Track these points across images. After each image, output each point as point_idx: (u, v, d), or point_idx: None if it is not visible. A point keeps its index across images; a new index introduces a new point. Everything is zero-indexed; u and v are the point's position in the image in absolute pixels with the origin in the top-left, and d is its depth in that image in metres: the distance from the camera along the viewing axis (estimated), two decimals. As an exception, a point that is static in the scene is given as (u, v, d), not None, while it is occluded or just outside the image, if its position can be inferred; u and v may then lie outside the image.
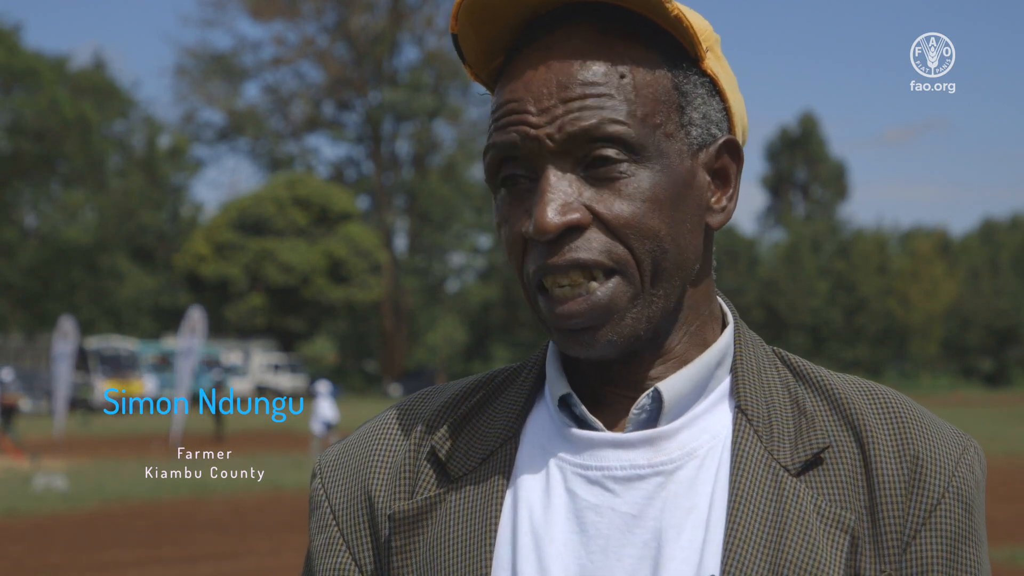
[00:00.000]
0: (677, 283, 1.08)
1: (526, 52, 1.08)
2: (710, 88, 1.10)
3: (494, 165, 1.09)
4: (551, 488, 1.09)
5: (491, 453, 1.12)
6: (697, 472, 1.07)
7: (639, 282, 1.05)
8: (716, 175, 1.11)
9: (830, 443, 1.07)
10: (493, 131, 1.09)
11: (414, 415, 1.18)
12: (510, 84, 1.08)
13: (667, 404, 1.08)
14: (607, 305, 1.05)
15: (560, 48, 1.07)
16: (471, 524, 1.08)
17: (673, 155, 1.07)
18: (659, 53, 1.08)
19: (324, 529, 1.16)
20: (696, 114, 1.09)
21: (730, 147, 1.12)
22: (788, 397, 1.11)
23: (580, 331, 1.06)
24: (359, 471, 1.16)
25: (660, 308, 1.08)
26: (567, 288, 1.05)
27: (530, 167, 1.07)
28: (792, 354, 1.17)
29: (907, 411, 1.10)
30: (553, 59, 1.06)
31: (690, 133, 1.08)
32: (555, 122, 1.04)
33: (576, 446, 1.09)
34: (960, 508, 1.06)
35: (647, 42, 1.08)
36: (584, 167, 1.05)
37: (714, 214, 1.11)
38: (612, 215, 1.04)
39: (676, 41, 1.09)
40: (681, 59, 1.09)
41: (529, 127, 1.05)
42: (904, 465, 1.06)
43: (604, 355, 1.07)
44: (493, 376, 1.20)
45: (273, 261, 52.71)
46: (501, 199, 1.10)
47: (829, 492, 1.05)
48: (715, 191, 1.12)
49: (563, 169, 1.05)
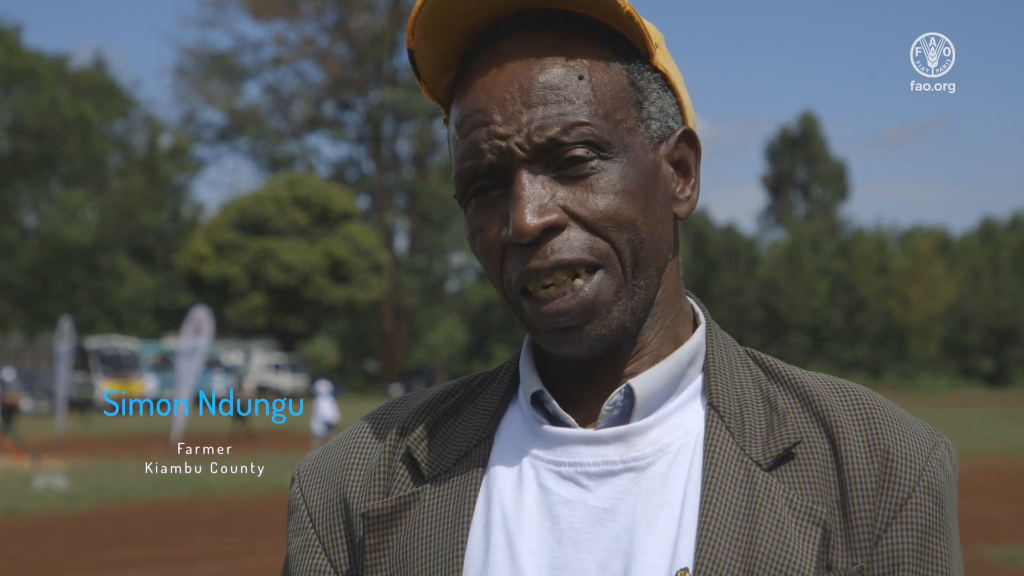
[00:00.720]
0: (654, 272, 1.10)
1: (482, 61, 1.10)
2: (662, 83, 1.13)
3: (466, 181, 1.10)
4: (524, 484, 1.10)
5: (465, 453, 1.13)
6: (669, 468, 1.08)
7: (622, 274, 1.07)
8: (677, 166, 1.14)
9: (801, 438, 1.08)
10: (460, 143, 1.09)
11: (391, 419, 1.20)
12: (470, 93, 1.09)
13: (639, 401, 1.09)
14: (594, 300, 1.06)
15: (516, 52, 1.08)
16: (444, 521, 1.10)
17: (637, 149, 1.08)
18: (612, 51, 1.10)
19: (301, 532, 1.18)
20: (653, 108, 1.11)
21: (688, 137, 1.14)
22: (760, 394, 1.12)
23: (568, 329, 1.07)
24: (335, 474, 1.18)
25: (642, 299, 1.09)
26: (552, 288, 1.06)
27: (501, 176, 1.08)
28: (763, 354, 1.18)
29: (878, 407, 1.11)
30: (511, 64, 1.07)
31: (650, 127, 1.11)
32: (522, 130, 1.05)
33: (549, 442, 1.10)
34: (931, 502, 1.07)
35: (599, 42, 1.09)
36: (555, 168, 1.06)
37: (680, 203, 1.13)
38: (588, 211, 1.05)
39: (626, 40, 1.11)
40: (633, 56, 1.11)
41: (498, 139, 1.06)
42: (875, 459, 1.07)
43: (592, 351, 1.08)
44: (470, 380, 1.22)
45: (273, 261, 52.72)
46: (472, 210, 1.11)
47: (801, 486, 1.06)
48: (678, 181, 1.14)
49: (534, 172, 1.06)
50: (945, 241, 69.36)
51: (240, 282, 52.80)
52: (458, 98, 1.11)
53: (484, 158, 1.07)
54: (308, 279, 53.13)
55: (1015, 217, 72.44)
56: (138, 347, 45.71)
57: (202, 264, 53.02)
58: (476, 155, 1.07)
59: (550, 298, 1.06)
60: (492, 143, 1.06)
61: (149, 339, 51.93)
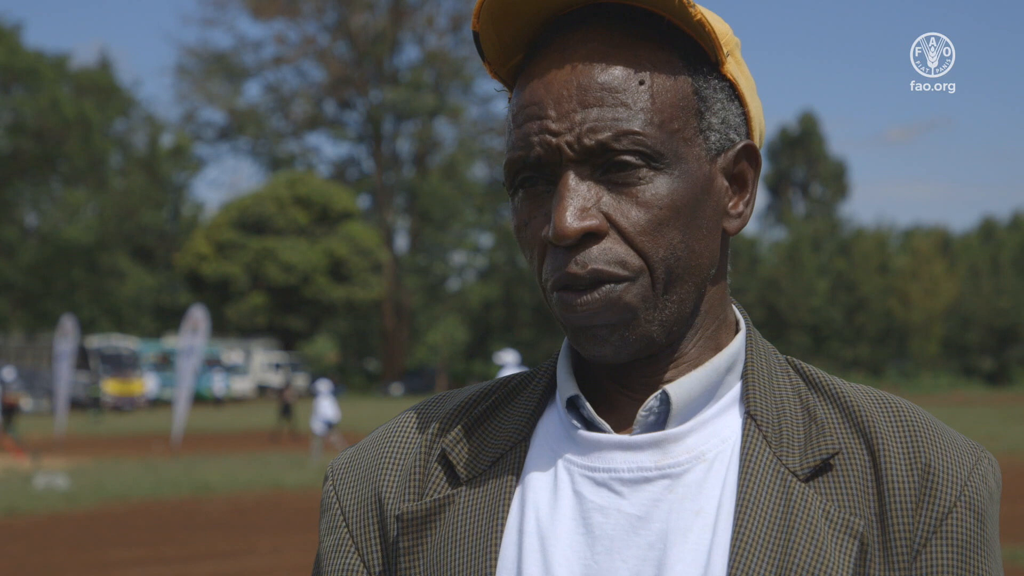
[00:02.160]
0: (691, 288, 1.08)
1: (546, 52, 1.08)
2: (729, 93, 1.10)
3: (514, 171, 1.09)
4: (559, 489, 1.09)
5: (501, 456, 1.12)
6: (705, 476, 1.06)
7: (651, 288, 1.05)
8: (734, 180, 1.11)
9: (840, 449, 1.07)
10: (513, 132, 1.08)
11: (427, 418, 1.19)
12: (530, 83, 1.08)
13: (675, 407, 1.08)
14: (618, 302, 1.05)
15: (580, 49, 1.06)
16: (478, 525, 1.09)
17: (691, 160, 1.06)
18: (679, 57, 1.07)
19: (334, 531, 1.17)
20: (715, 119, 1.08)
21: (748, 152, 1.11)
22: (799, 403, 1.11)
23: (595, 327, 1.06)
24: (370, 473, 1.17)
25: (674, 313, 1.08)
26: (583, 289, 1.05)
27: (549, 171, 1.07)
28: (805, 363, 1.16)
29: (920, 420, 1.10)
30: (573, 60, 1.06)
31: (709, 138, 1.08)
32: (574, 130, 1.04)
33: (583, 448, 1.09)
34: (972, 518, 1.06)
35: (667, 45, 1.07)
36: (603, 171, 1.05)
37: (731, 219, 1.11)
38: (629, 223, 1.04)
39: (696, 45, 1.08)
40: (701, 63, 1.09)
41: (550, 135, 1.05)
42: (915, 473, 1.06)
43: (618, 356, 1.07)
44: (507, 381, 1.20)
45: (274, 260, 52.73)
46: (519, 200, 1.10)
47: (838, 498, 1.05)
48: (732, 196, 1.11)
49: (582, 174, 1.05)
50: (945, 240, 69.32)
51: (240, 281, 52.80)
52: (519, 86, 1.10)
53: (533, 151, 1.06)
54: (308, 278, 53.13)
55: (1015, 216, 72.43)
56: (138, 346, 45.73)
57: (202, 263, 53.02)
58: (526, 147, 1.06)
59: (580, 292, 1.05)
60: (543, 138, 1.05)
61: (149, 338, 51.95)
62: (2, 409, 23.81)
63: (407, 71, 62.63)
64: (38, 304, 52.68)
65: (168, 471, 18.60)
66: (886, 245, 67.12)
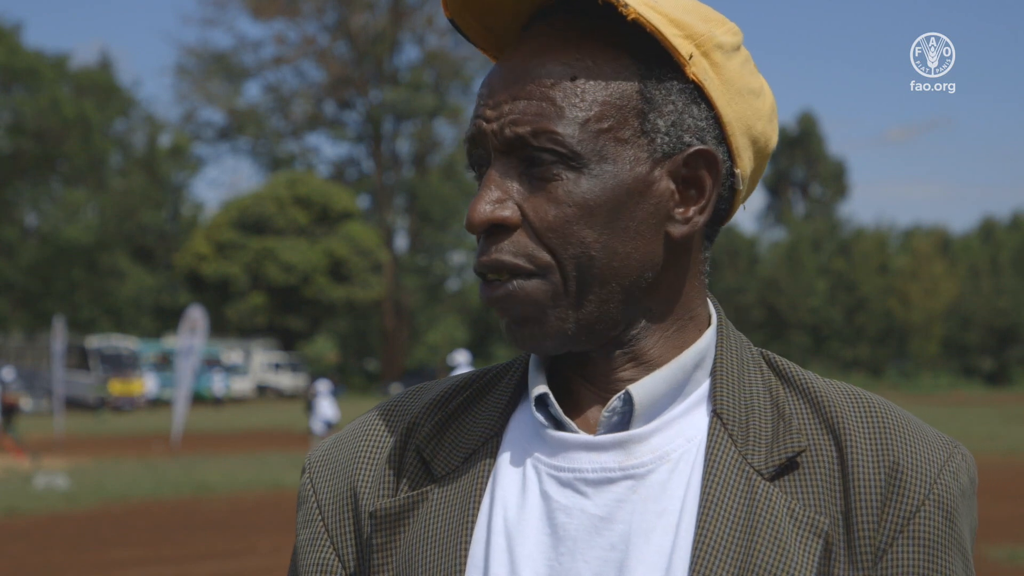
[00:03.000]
0: (616, 289, 1.06)
1: (515, 43, 1.10)
2: (692, 95, 1.07)
3: (467, 152, 1.12)
4: (527, 489, 1.08)
5: (473, 452, 1.12)
6: (669, 476, 1.05)
7: (561, 286, 1.05)
8: (688, 184, 1.08)
9: (806, 446, 1.06)
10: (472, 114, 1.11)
11: (402, 412, 1.19)
12: (489, 72, 1.11)
13: (638, 407, 1.07)
14: (523, 297, 1.05)
15: (531, 43, 1.07)
16: (449, 522, 1.08)
17: (622, 162, 1.05)
18: (629, 56, 1.06)
19: (310, 524, 1.17)
20: (662, 121, 1.06)
21: (704, 157, 1.08)
22: (768, 400, 1.10)
23: (507, 321, 1.08)
24: (346, 467, 1.17)
25: (594, 312, 1.06)
26: (495, 281, 1.07)
27: (485, 158, 1.09)
28: (780, 357, 1.15)
29: (890, 416, 1.08)
30: (521, 51, 1.07)
31: (654, 140, 1.06)
32: (500, 119, 1.05)
33: (551, 447, 1.09)
34: (940, 516, 1.04)
35: (620, 44, 1.06)
36: (526, 165, 1.06)
37: (675, 223, 1.08)
38: (538, 219, 1.04)
39: (658, 45, 1.06)
40: (659, 64, 1.06)
41: (484, 120, 1.07)
42: (882, 471, 1.04)
43: (540, 349, 1.08)
44: (481, 375, 1.20)
45: (274, 260, 52.71)
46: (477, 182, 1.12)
47: (804, 496, 1.04)
48: (681, 201, 1.08)
49: (507, 165, 1.06)
50: (945, 240, 69.29)
51: (240, 281, 52.78)
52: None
53: (470, 133, 1.09)
54: (308, 278, 53.11)
55: (1015, 216, 72.38)
56: (138, 346, 45.72)
57: (202, 263, 53.00)
58: (470, 129, 1.09)
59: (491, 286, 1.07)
60: (478, 123, 1.07)
61: (149, 338, 51.93)
62: (2, 409, 23.79)
63: (407, 71, 62.62)
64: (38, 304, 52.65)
65: (168, 471, 18.60)
66: (886, 245, 67.10)
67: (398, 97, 59.92)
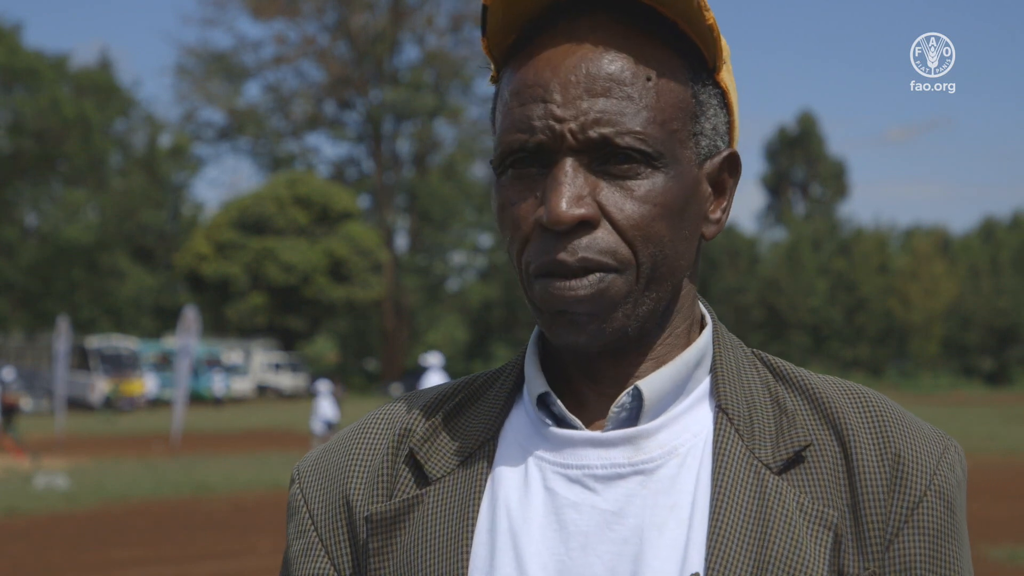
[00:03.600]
0: (668, 287, 1.09)
1: (552, 34, 1.07)
2: (721, 100, 1.11)
3: (509, 152, 1.07)
4: (529, 486, 1.09)
5: (470, 454, 1.12)
6: (679, 470, 1.07)
7: (636, 282, 1.06)
8: (715, 186, 1.12)
9: (811, 441, 1.08)
10: (513, 111, 1.07)
11: (393, 419, 1.18)
12: (534, 64, 1.07)
13: (647, 403, 1.08)
14: (600, 294, 1.05)
15: (589, 35, 1.06)
16: (448, 524, 1.08)
17: (684, 163, 1.07)
18: (682, 59, 1.08)
19: (303, 534, 1.16)
20: (707, 124, 1.10)
21: (732, 161, 1.13)
22: (768, 396, 1.11)
23: (575, 314, 1.06)
24: (338, 475, 1.16)
25: (649, 309, 1.08)
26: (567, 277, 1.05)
27: (545, 156, 1.06)
28: (772, 356, 1.17)
29: (888, 410, 1.11)
30: (582, 45, 1.05)
31: (699, 143, 1.09)
32: (579, 118, 1.03)
33: (555, 445, 1.09)
34: (942, 506, 1.07)
35: (672, 47, 1.08)
36: (600, 162, 1.05)
37: (708, 224, 1.12)
38: (623, 216, 1.04)
39: (697, 49, 1.09)
40: (700, 68, 1.09)
41: (555, 120, 1.04)
42: (886, 463, 1.07)
43: (590, 345, 1.07)
44: (473, 379, 1.20)
45: (274, 260, 52.71)
46: (507, 179, 1.09)
47: (811, 490, 1.06)
48: (712, 202, 1.12)
49: (580, 162, 1.05)
50: (945, 240, 69.30)
51: (240, 281, 52.78)
52: (519, 64, 1.08)
53: (535, 136, 1.05)
54: (308, 278, 53.11)
55: (1015, 216, 72.37)
56: (138, 346, 45.72)
57: (202, 263, 53.00)
58: (527, 130, 1.05)
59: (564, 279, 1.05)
60: (547, 123, 1.04)
61: (149, 338, 51.94)
62: (2, 409, 23.80)
63: (407, 71, 62.60)
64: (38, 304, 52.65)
65: (168, 471, 18.60)
66: (886, 245, 67.08)
67: (398, 97, 59.91)
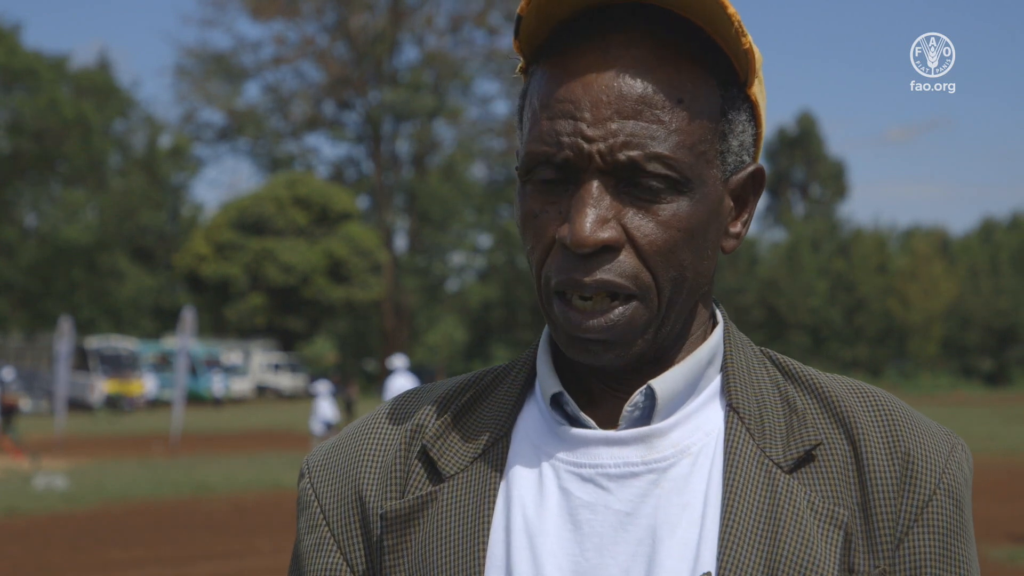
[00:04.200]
0: (689, 305, 1.10)
1: (586, 48, 1.05)
2: (750, 114, 1.10)
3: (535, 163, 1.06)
4: (544, 486, 1.09)
5: (483, 451, 1.12)
6: (691, 469, 1.07)
7: (656, 307, 1.06)
8: (736, 200, 1.12)
9: (822, 440, 1.08)
10: (541, 123, 1.05)
11: (404, 413, 1.18)
12: (566, 77, 1.05)
13: (660, 402, 1.08)
14: (625, 327, 1.05)
15: (624, 54, 1.04)
16: (464, 522, 1.08)
17: (710, 183, 1.06)
18: (714, 75, 1.06)
19: (314, 529, 1.16)
20: (735, 142, 1.09)
21: (756, 176, 1.12)
22: (778, 395, 1.12)
23: (592, 343, 1.06)
24: (349, 470, 1.16)
25: (670, 329, 1.09)
26: (589, 303, 1.05)
27: (571, 172, 1.05)
28: (781, 354, 1.17)
29: (897, 409, 1.11)
30: (616, 64, 1.04)
31: (726, 160, 1.08)
32: (608, 140, 1.02)
33: (569, 444, 1.09)
34: (951, 504, 1.07)
35: (706, 61, 1.06)
36: (626, 184, 1.04)
37: (729, 238, 1.12)
38: (646, 241, 1.04)
39: (729, 63, 1.07)
40: (731, 82, 1.08)
41: (583, 140, 1.03)
42: (896, 462, 1.07)
43: (609, 366, 1.09)
44: (483, 374, 1.20)
45: (273, 261, 52.70)
46: (531, 188, 1.08)
47: (822, 488, 1.06)
48: (733, 215, 1.12)
49: (606, 184, 1.04)
50: (945, 241, 69.31)
51: (240, 282, 52.77)
52: (551, 74, 1.07)
53: (562, 152, 1.04)
54: (308, 279, 53.10)
55: (1014, 217, 72.40)
56: (138, 347, 45.70)
57: (202, 264, 52.99)
58: (555, 145, 1.04)
59: (585, 311, 1.05)
60: (575, 141, 1.03)
61: (149, 339, 51.92)
62: (2, 410, 23.79)
63: (406, 72, 62.57)
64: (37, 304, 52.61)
65: (168, 472, 18.59)
66: (885, 246, 67.08)
67: (397, 98, 59.89)
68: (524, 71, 1.12)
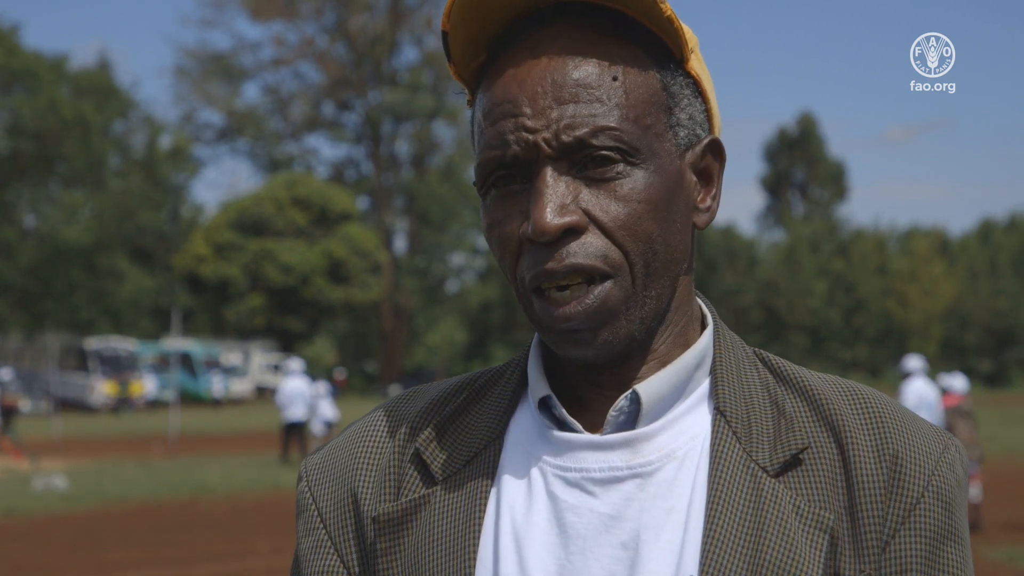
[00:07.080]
0: (667, 283, 1.09)
1: (516, 50, 1.08)
2: (694, 89, 1.12)
3: (488, 171, 1.08)
4: (533, 490, 1.09)
5: (475, 455, 1.13)
6: (676, 474, 1.07)
7: (631, 284, 1.06)
8: (701, 175, 1.13)
9: (808, 444, 1.08)
10: (486, 131, 1.08)
11: (399, 417, 1.19)
12: (501, 81, 1.08)
13: (645, 406, 1.08)
14: (601, 308, 1.05)
15: (552, 46, 1.06)
16: (455, 525, 1.09)
17: (663, 155, 1.07)
18: (647, 54, 1.08)
19: (312, 532, 1.17)
20: (683, 115, 1.10)
21: (714, 147, 1.13)
22: (767, 398, 1.11)
23: (575, 331, 1.06)
24: (345, 473, 1.17)
25: (652, 308, 1.08)
26: (567, 292, 1.05)
27: (524, 169, 1.06)
28: (772, 355, 1.17)
29: (887, 410, 1.10)
30: (545, 56, 1.06)
31: (678, 134, 1.09)
32: (551, 127, 1.04)
33: (556, 448, 1.10)
34: (940, 507, 1.06)
35: (635, 42, 1.08)
36: (580, 168, 1.05)
37: (700, 213, 1.12)
38: (608, 218, 1.04)
39: (662, 42, 1.09)
40: (668, 60, 1.10)
41: (526, 132, 1.04)
42: (883, 464, 1.06)
43: (599, 356, 1.08)
44: (477, 377, 1.20)
45: (273, 261, 52.70)
46: (491, 200, 1.09)
47: (808, 492, 1.05)
48: (700, 190, 1.13)
49: (559, 170, 1.04)
50: (944, 241, 69.33)
51: (239, 282, 52.77)
52: (488, 84, 1.09)
53: (509, 149, 1.05)
54: (307, 279, 53.10)
55: (1014, 217, 72.43)
56: (137, 348, 45.69)
57: (201, 265, 52.99)
58: (501, 145, 1.05)
59: (562, 301, 1.05)
60: (519, 135, 1.04)
61: (148, 340, 51.91)
62: (1, 411, 23.78)
63: (406, 72, 62.60)
64: (37, 305, 52.59)
65: (167, 472, 18.59)
66: (885, 246, 67.11)
67: (397, 98, 59.91)
68: (471, 103, 1.14)
